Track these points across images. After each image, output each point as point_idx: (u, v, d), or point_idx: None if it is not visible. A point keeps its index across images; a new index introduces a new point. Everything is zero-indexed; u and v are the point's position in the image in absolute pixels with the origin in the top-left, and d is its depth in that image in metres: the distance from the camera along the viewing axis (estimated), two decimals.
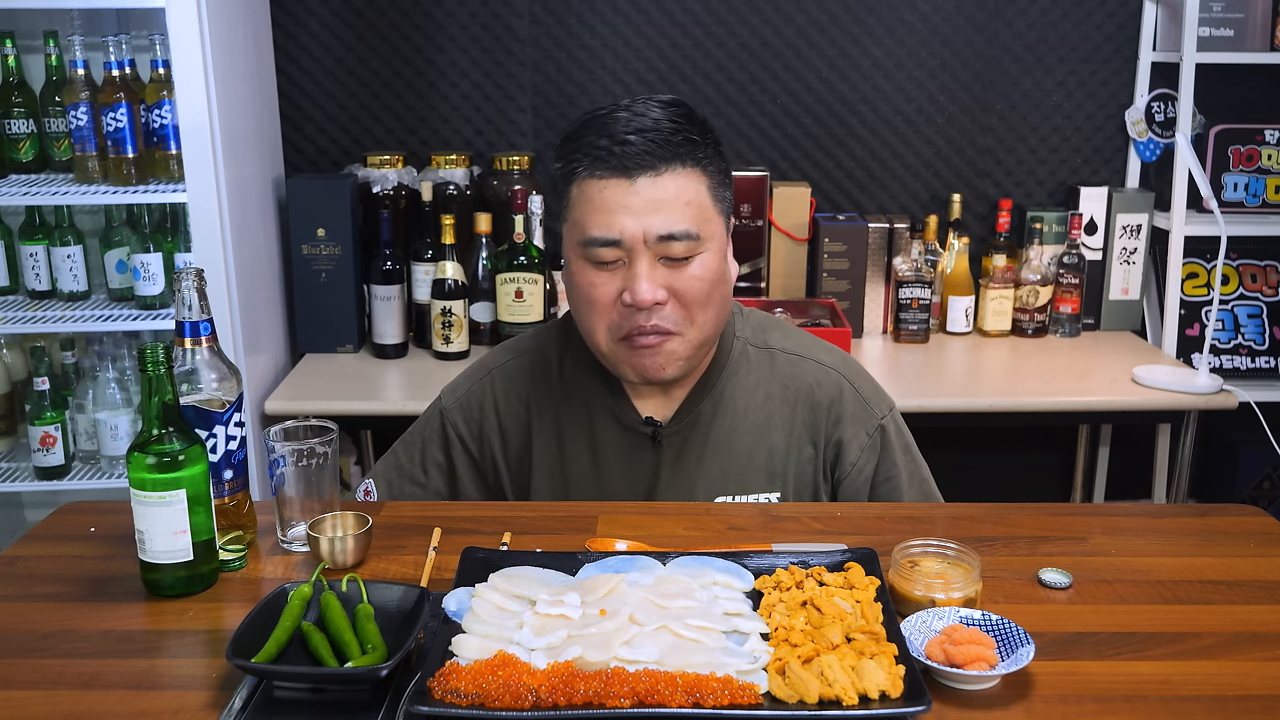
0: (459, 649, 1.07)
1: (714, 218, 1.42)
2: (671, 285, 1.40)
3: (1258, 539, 1.40)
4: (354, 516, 1.35)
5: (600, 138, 1.38)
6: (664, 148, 1.38)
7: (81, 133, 2.42)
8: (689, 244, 1.39)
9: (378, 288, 2.70)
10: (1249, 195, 2.93)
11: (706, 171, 1.42)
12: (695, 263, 1.40)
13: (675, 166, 1.38)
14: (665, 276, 1.40)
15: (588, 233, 1.39)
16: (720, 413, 1.53)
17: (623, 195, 1.37)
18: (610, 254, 1.39)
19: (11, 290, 2.67)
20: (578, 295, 1.45)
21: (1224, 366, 2.88)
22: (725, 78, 2.90)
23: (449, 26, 2.87)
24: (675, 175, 1.38)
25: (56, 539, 1.42)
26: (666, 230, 1.37)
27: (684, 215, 1.38)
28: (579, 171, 1.40)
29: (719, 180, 1.44)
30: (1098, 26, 2.90)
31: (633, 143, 1.37)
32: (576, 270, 1.44)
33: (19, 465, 2.61)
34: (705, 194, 1.41)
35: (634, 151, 1.37)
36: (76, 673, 1.11)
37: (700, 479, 1.52)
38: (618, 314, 1.41)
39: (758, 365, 1.56)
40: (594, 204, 1.39)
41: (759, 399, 1.54)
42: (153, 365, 1.21)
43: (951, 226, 2.90)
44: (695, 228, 1.39)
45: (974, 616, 1.13)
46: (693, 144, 1.40)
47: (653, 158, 1.37)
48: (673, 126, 1.39)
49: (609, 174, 1.38)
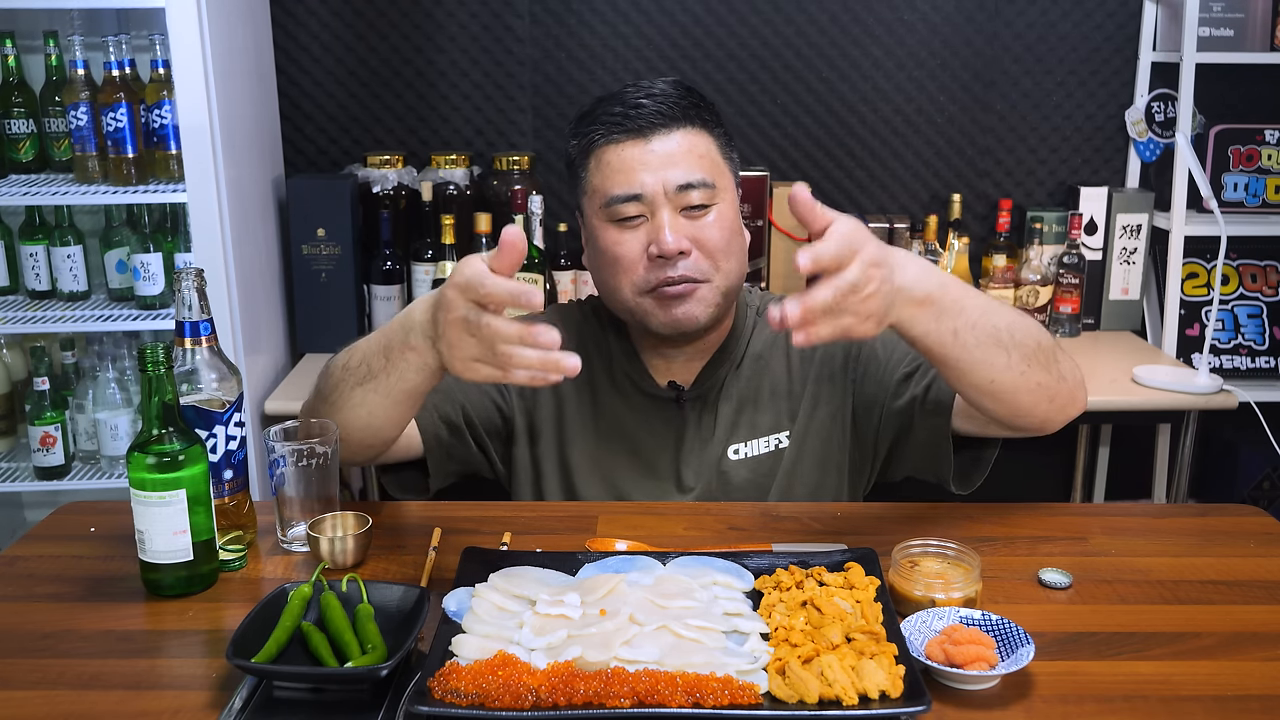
0: (459, 649, 1.07)
1: (725, 172, 1.53)
2: (694, 235, 1.48)
3: (1258, 539, 1.40)
4: (354, 516, 1.35)
5: (614, 105, 1.50)
6: (674, 108, 1.49)
7: (81, 133, 2.41)
8: (706, 192, 1.48)
9: (378, 288, 2.70)
10: (1249, 195, 2.93)
11: (713, 133, 1.53)
12: (713, 212, 1.49)
13: (685, 125, 1.50)
14: (687, 227, 1.47)
15: (610, 192, 1.48)
16: (740, 373, 1.59)
17: (640, 153, 1.48)
18: (633, 208, 1.47)
19: (11, 290, 2.67)
20: (602, 257, 1.52)
21: (1224, 366, 2.88)
22: (725, 78, 2.90)
23: (449, 26, 2.87)
24: (686, 133, 1.50)
25: (56, 539, 1.42)
26: (685, 180, 1.47)
27: (699, 165, 1.48)
28: (596, 141, 1.50)
29: (725, 142, 1.55)
30: (1098, 26, 2.90)
31: (645, 105, 1.48)
32: (600, 233, 1.51)
33: (19, 465, 2.61)
34: (716, 152, 1.52)
35: (647, 113, 1.48)
36: (76, 673, 1.11)
37: (719, 434, 1.57)
38: (644, 268, 1.48)
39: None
40: (613, 166, 1.49)
41: (778, 350, 1.61)
42: (153, 365, 1.21)
43: (951, 226, 2.89)
44: (710, 177, 1.48)
45: (974, 616, 1.13)
46: (698, 108, 1.52)
47: (664, 117, 1.49)
48: (678, 93, 1.51)
49: (625, 136, 1.48)
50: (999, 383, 1.33)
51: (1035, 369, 1.34)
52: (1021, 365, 1.33)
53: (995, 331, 1.30)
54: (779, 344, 1.61)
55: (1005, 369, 1.32)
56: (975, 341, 1.28)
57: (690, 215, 1.48)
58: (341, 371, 1.38)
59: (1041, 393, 1.36)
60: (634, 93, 1.51)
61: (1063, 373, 1.38)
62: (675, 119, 1.49)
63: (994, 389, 1.33)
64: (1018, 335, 1.32)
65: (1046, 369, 1.36)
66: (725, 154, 1.54)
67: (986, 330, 1.29)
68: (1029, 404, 1.37)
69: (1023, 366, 1.33)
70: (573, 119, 1.57)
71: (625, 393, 1.59)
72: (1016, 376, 1.33)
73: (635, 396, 1.59)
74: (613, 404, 1.59)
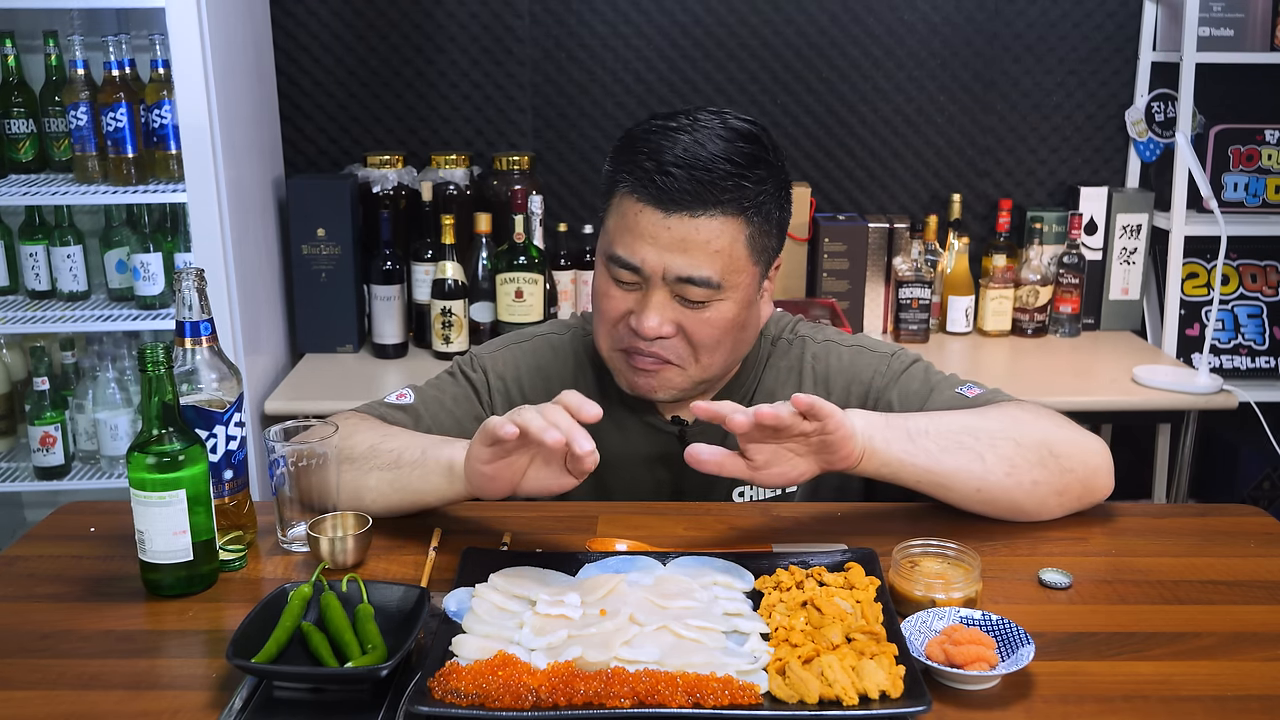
0: (459, 649, 1.07)
1: (746, 268, 1.38)
2: (682, 322, 1.39)
3: (1258, 539, 1.40)
4: (354, 517, 1.35)
5: (648, 159, 1.34)
6: (708, 190, 1.32)
7: (81, 133, 2.41)
8: (707, 290, 1.36)
9: (378, 288, 2.70)
10: (1249, 195, 2.93)
11: (750, 220, 1.36)
12: (711, 308, 1.38)
13: (713, 211, 1.33)
14: (677, 313, 1.38)
15: (613, 249, 1.39)
16: (748, 405, 1.53)
17: (653, 226, 1.34)
18: (628, 276, 1.39)
19: (11, 290, 2.67)
20: (593, 296, 1.46)
21: (1224, 366, 2.88)
22: (725, 78, 2.90)
23: (449, 26, 2.87)
24: (713, 220, 1.34)
25: (56, 539, 1.42)
26: (686, 273, 1.35)
27: (709, 262, 1.35)
28: (620, 185, 1.38)
29: (764, 229, 1.38)
30: (1098, 26, 2.90)
31: (676, 177, 1.32)
32: (598, 274, 1.44)
33: (19, 465, 2.61)
34: (741, 244, 1.36)
35: (674, 187, 1.32)
36: (76, 673, 1.11)
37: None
38: (622, 329, 1.42)
39: (787, 354, 1.56)
40: (625, 223, 1.37)
41: (790, 387, 1.54)
42: (153, 365, 1.21)
43: (951, 226, 2.90)
44: (718, 277, 1.36)
45: (974, 616, 1.13)
46: (742, 190, 1.34)
47: (692, 198, 1.32)
48: (727, 168, 1.33)
49: (646, 200, 1.35)
50: (986, 491, 1.34)
51: (1024, 469, 1.34)
52: (1003, 467, 1.33)
53: (957, 435, 1.32)
54: (791, 380, 1.54)
55: (984, 474, 1.33)
56: (940, 447, 1.32)
57: (685, 303, 1.38)
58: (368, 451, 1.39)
59: (1041, 491, 1.36)
60: (680, 149, 1.32)
61: (1066, 465, 1.36)
62: (704, 203, 1.32)
63: (983, 497, 1.35)
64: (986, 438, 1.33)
65: (1040, 466, 1.35)
66: (756, 244, 1.38)
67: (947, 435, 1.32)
68: (1033, 506, 1.37)
69: (1005, 468, 1.33)
70: (622, 134, 1.42)
71: (625, 426, 1.53)
72: (1002, 479, 1.34)
73: (636, 430, 1.53)
74: (611, 437, 1.51)
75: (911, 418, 1.36)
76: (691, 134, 1.34)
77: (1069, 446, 1.37)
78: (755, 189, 1.35)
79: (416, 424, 1.50)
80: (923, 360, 1.54)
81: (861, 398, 1.51)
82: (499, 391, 1.56)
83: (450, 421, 1.53)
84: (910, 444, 1.32)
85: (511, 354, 1.58)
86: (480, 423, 1.54)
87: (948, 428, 1.34)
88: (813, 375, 1.54)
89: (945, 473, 1.33)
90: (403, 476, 1.35)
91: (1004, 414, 1.39)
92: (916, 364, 1.53)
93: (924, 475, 1.33)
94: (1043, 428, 1.37)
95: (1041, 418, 1.40)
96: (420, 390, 1.57)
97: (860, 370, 1.52)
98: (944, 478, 1.33)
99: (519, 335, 1.62)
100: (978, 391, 1.47)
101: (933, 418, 1.37)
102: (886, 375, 1.51)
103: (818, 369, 1.54)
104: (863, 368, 1.52)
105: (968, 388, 1.48)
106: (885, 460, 1.31)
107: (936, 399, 1.47)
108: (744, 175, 1.34)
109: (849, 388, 1.52)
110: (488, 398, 1.56)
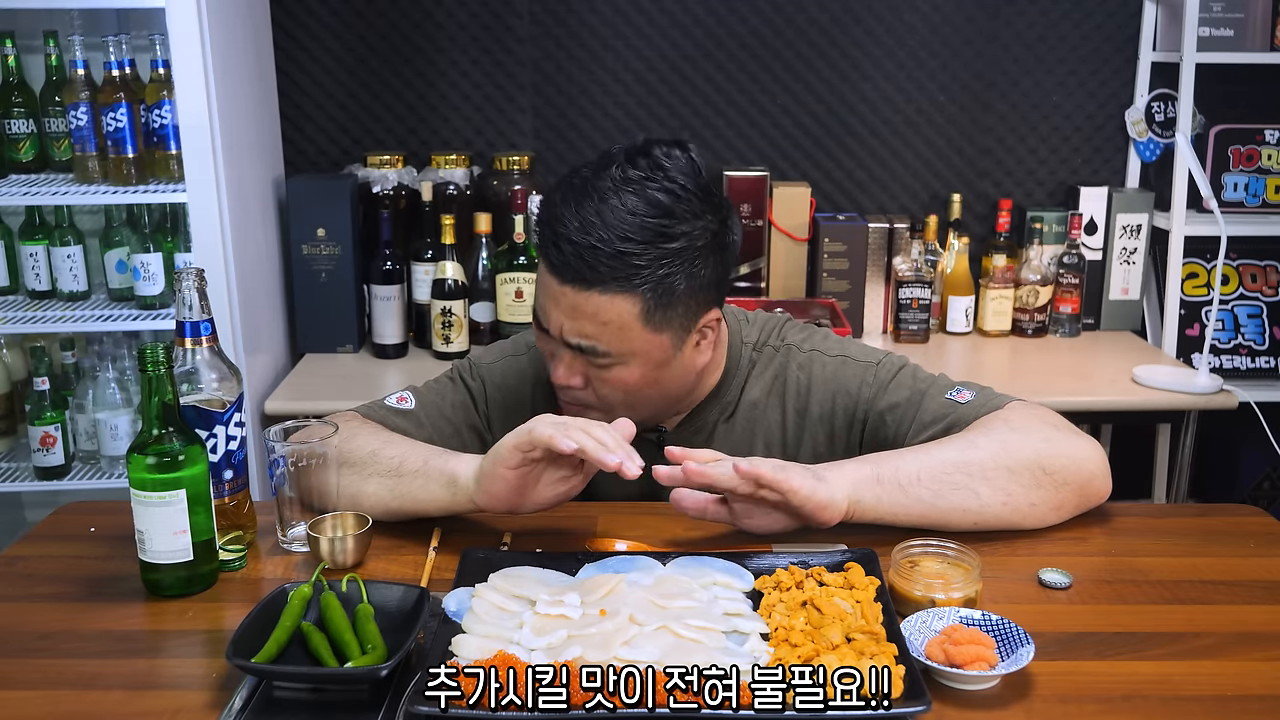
0: (459, 649, 1.07)
1: (643, 337, 1.36)
2: (590, 377, 1.41)
3: (1258, 539, 1.40)
4: (354, 517, 1.35)
5: (548, 227, 1.35)
6: (591, 270, 1.31)
7: (81, 133, 2.41)
8: (602, 358, 1.37)
9: (378, 288, 2.70)
10: (1249, 195, 2.93)
11: (644, 296, 1.33)
12: (613, 370, 1.38)
13: (602, 288, 1.32)
14: (585, 367, 1.40)
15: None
16: (734, 422, 1.53)
17: (553, 288, 1.36)
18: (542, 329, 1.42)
19: (11, 290, 2.67)
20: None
21: (1224, 366, 2.88)
22: (725, 78, 2.90)
23: (449, 26, 2.87)
24: (601, 295, 1.32)
25: (56, 539, 1.42)
26: (576, 341, 1.37)
27: (598, 332, 1.35)
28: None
29: (664, 301, 1.34)
30: (1098, 26, 2.90)
31: (564, 253, 1.32)
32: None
33: (19, 465, 2.61)
34: (634, 318, 1.34)
35: (563, 262, 1.32)
36: (76, 673, 1.11)
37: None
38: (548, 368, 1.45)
39: (771, 363, 1.55)
40: (540, 282, 1.40)
41: (774, 397, 1.53)
42: (153, 365, 1.21)
43: (951, 226, 2.90)
44: (609, 347, 1.36)
45: (974, 616, 1.13)
46: (634, 270, 1.31)
47: (575, 275, 1.32)
48: (623, 249, 1.30)
49: (545, 265, 1.37)
50: (985, 522, 1.35)
51: (1020, 494, 1.35)
52: (999, 498, 1.34)
53: (950, 475, 1.33)
54: (775, 391, 1.53)
55: (981, 509, 1.34)
56: (933, 493, 1.33)
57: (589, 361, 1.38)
58: (369, 456, 1.40)
59: (1039, 510, 1.37)
60: (577, 222, 1.31)
61: (1060, 479, 1.37)
62: (588, 281, 1.31)
63: (982, 526, 1.35)
64: (978, 472, 1.34)
65: (1036, 487, 1.36)
66: (653, 317, 1.34)
67: (940, 478, 1.33)
68: (1033, 523, 1.38)
69: (1001, 498, 1.34)
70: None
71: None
72: (999, 509, 1.35)
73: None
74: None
75: (902, 463, 1.35)
76: (598, 203, 1.31)
77: (1062, 460, 1.37)
78: (650, 267, 1.32)
79: (418, 430, 1.51)
80: (909, 365, 1.54)
81: (848, 410, 1.51)
82: (496, 404, 1.58)
83: (449, 429, 1.55)
84: (903, 495, 1.33)
85: (509, 366, 1.60)
86: (476, 431, 1.57)
87: (940, 469, 1.34)
88: (795, 386, 1.53)
89: (941, 514, 1.34)
90: (403, 484, 1.36)
91: (993, 438, 1.38)
92: (903, 370, 1.52)
93: (919, 520, 1.34)
94: (1033, 445, 1.37)
95: (1031, 431, 1.39)
96: (420, 394, 1.57)
97: (845, 381, 1.51)
98: (940, 518, 1.35)
99: (516, 346, 1.63)
100: (968, 396, 1.47)
101: (923, 457, 1.36)
102: (874, 386, 1.50)
103: (800, 379, 1.53)
104: (848, 379, 1.51)
105: (957, 391, 1.48)
106: (878, 515, 1.34)
107: (927, 406, 1.47)
108: (637, 255, 1.31)
109: (833, 398, 1.51)
110: (485, 408, 1.58)
